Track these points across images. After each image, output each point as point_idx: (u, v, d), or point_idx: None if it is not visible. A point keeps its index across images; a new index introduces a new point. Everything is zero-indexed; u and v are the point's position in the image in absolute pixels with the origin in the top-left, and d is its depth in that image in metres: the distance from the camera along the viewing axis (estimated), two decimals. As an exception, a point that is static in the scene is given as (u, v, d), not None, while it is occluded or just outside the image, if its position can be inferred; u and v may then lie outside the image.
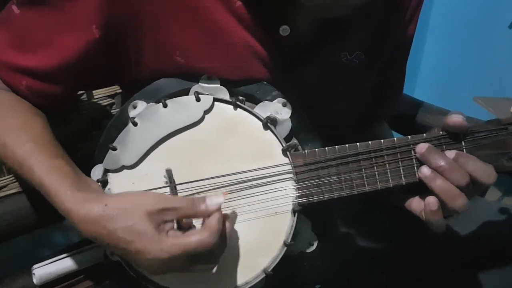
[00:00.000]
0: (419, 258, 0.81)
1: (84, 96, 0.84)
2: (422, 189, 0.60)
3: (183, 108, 0.60)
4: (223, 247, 0.54)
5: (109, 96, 0.86)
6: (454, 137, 0.61)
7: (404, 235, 0.82)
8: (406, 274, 0.82)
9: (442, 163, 0.58)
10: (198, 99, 0.60)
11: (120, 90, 0.86)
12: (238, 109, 0.60)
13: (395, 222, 0.81)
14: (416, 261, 0.81)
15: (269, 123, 0.60)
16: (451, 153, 0.59)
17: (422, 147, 0.60)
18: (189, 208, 0.53)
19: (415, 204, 0.61)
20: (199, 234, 0.51)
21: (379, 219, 0.85)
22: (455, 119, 0.59)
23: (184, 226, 0.55)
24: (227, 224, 0.55)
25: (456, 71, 1.86)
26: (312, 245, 0.63)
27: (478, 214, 0.65)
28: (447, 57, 1.87)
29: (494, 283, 0.76)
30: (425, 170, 0.59)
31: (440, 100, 1.06)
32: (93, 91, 0.84)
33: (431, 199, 0.59)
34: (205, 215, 0.54)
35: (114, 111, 0.87)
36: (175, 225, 0.53)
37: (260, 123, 0.60)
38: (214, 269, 0.56)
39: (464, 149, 0.61)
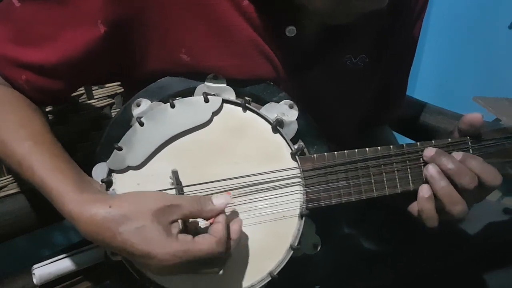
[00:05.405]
0: (419, 258, 0.81)
1: (84, 96, 0.83)
2: None
3: (191, 109, 0.59)
4: (229, 253, 0.54)
5: (109, 96, 0.86)
6: (461, 144, 0.61)
7: (404, 235, 0.81)
8: (406, 274, 0.82)
9: (451, 166, 0.58)
10: (206, 100, 0.59)
11: (121, 90, 0.86)
12: (247, 111, 0.60)
13: (395, 222, 0.81)
14: (416, 261, 0.81)
15: (278, 126, 0.60)
16: (458, 155, 0.59)
17: (430, 151, 0.60)
18: (194, 206, 0.52)
19: (413, 205, 0.61)
20: (208, 243, 0.51)
21: (380, 219, 0.85)
22: (475, 114, 0.60)
23: (190, 228, 0.54)
24: (235, 228, 0.54)
25: (456, 71, 1.86)
26: (316, 247, 0.63)
27: (478, 214, 0.65)
28: (447, 57, 1.87)
29: (494, 284, 0.76)
30: (432, 170, 0.59)
31: (440, 100, 1.06)
32: (93, 91, 0.84)
33: (424, 186, 0.59)
34: (212, 215, 0.53)
35: (114, 111, 0.87)
36: (181, 225, 0.52)
37: (269, 126, 0.60)
38: (221, 271, 0.56)
39: None
